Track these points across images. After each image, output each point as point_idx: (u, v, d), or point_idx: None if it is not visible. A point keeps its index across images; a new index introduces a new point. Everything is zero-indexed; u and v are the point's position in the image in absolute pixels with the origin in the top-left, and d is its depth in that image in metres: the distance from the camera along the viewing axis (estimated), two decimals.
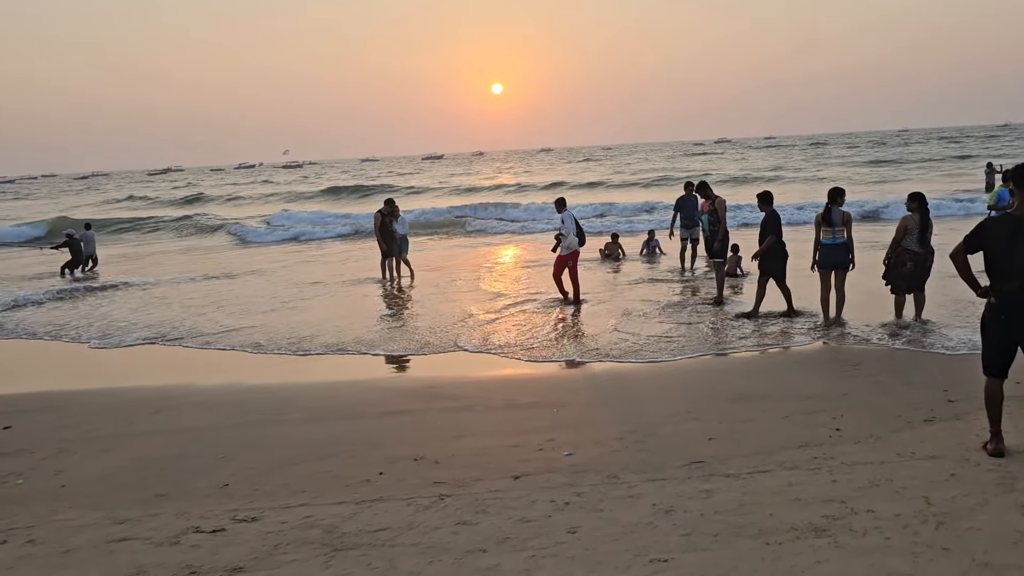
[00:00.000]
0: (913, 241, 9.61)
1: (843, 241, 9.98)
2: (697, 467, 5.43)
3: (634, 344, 9.76)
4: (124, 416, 7.68)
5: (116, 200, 60.99)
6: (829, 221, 9.99)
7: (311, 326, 11.81)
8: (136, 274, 19.63)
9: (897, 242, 9.70)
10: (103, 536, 4.73)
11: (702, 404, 7.19)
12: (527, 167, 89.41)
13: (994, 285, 5.26)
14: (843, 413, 6.57)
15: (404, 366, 9.61)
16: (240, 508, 5.11)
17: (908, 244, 9.64)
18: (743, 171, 53.63)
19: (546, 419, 6.95)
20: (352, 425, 7.12)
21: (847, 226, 9.99)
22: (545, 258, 17.27)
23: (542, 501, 4.93)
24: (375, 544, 4.41)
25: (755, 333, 10.02)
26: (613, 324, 10.95)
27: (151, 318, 13.18)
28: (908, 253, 9.66)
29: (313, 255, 23.02)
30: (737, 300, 12.31)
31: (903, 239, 9.64)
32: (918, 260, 9.64)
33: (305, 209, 40.47)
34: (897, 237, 9.70)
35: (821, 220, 10.07)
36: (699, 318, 11.02)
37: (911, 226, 9.59)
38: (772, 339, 9.70)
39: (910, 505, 4.51)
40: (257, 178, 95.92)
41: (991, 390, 5.36)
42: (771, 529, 4.29)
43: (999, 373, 5.33)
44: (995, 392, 5.35)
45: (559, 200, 13.52)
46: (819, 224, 10.11)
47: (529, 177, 63.48)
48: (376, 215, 16.77)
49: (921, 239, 9.59)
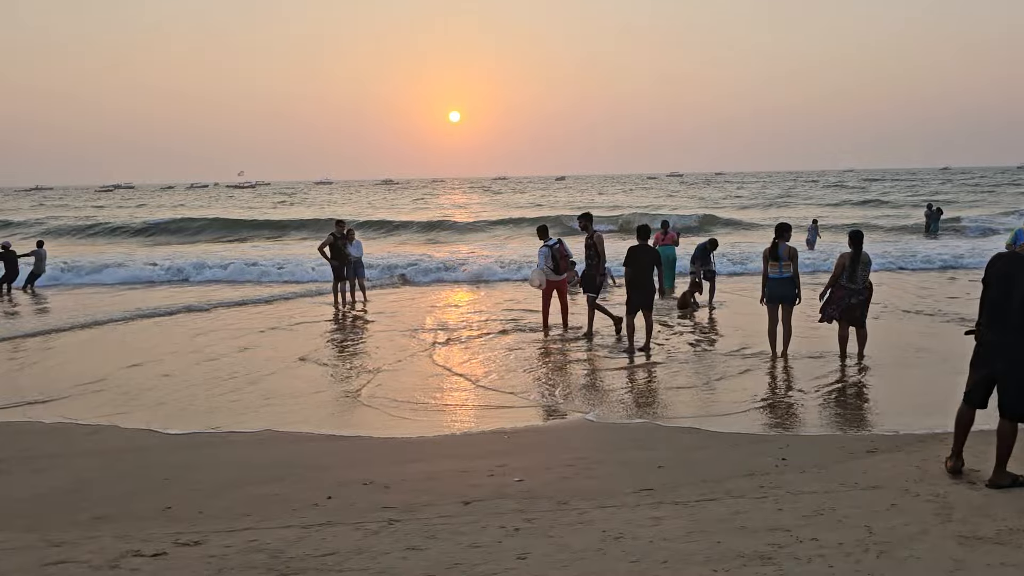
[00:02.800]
0: (845, 277, 9.89)
1: (789, 275, 10.23)
2: (647, 494, 5.47)
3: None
4: (61, 436, 7.44)
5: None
6: (776, 256, 10.23)
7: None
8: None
9: (835, 277, 10.01)
10: (38, 559, 4.55)
11: (650, 432, 7.26)
12: (489, 196, 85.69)
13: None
14: (788, 443, 6.69)
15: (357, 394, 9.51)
16: (183, 531, 4.98)
17: (842, 280, 9.94)
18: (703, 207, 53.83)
19: (498, 444, 6.94)
20: (300, 448, 7.01)
21: (793, 261, 10.25)
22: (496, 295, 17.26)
23: (492, 527, 4.91)
24: (322, 569, 4.34)
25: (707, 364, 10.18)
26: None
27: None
28: (843, 289, 9.95)
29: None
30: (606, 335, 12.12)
31: (840, 275, 9.95)
32: (853, 295, 9.91)
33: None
34: (835, 272, 10.03)
35: (768, 255, 10.32)
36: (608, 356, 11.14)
37: (845, 263, 9.90)
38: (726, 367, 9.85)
39: (852, 534, 4.61)
40: (148, 201, 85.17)
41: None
42: (718, 556, 4.34)
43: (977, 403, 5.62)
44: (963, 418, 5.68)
45: (540, 228, 13.28)
46: (767, 259, 10.35)
47: (491, 210, 56.19)
48: (328, 236, 16.57)
49: (851, 275, 9.87)
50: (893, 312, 13.67)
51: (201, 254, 26.69)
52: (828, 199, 60.09)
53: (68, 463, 6.64)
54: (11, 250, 19.70)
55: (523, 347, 11.49)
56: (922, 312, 13.82)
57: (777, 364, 10.02)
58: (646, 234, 11.28)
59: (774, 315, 10.40)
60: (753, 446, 6.67)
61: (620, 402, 8.54)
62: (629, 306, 11.04)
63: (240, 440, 7.25)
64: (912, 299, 15.37)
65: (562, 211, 47.44)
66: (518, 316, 14.18)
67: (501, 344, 11.75)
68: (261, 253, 27.66)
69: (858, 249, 9.91)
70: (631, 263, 10.96)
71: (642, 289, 10.91)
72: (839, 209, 49.88)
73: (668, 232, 18.04)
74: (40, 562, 4.51)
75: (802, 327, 10.81)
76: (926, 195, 58.51)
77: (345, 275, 16.38)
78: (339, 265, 16.30)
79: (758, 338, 10.86)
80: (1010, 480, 5.35)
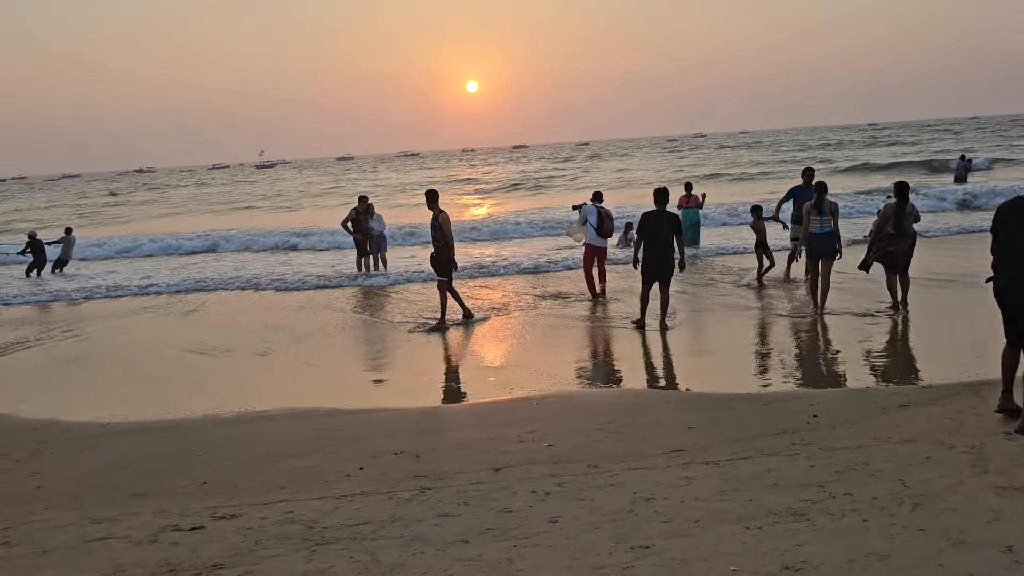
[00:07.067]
0: (891, 225, 10.03)
1: (830, 230, 10.31)
2: (677, 455, 5.47)
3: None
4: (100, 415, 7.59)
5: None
6: (819, 210, 10.30)
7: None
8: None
9: (880, 227, 10.17)
10: (80, 536, 4.67)
11: (679, 395, 7.24)
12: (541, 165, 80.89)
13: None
14: (819, 400, 6.64)
15: (382, 365, 9.57)
16: (220, 505, 5.07)
17: (888, 228, 10.06)
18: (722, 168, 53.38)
19: (526, 411, 6.96)
20: (332, 421, 7.09)
21: (834, 215, 10.35)
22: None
23: (523, 492, 4.93)
24: (356, 537, 4.40)
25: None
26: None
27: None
28: (888, 237, 10.06)
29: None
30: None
31: (884, 224, 10.09)
32: (896, 243, 10.02)
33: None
34: (880, 223, 10.21)
35: (811, 209, 10.37)
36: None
37: (890, 213, 10.04)
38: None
39: (886, 488, 4.57)
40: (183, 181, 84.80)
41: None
42: (751, 514, 4.33)
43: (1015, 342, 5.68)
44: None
45: (595, 193, 12.94)
46: (808, 213, 10.44)
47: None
48: (351, 211, 16.66)
49: (898, 224, 9.97)
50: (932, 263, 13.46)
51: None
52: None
53: (107, 442, 6.78)
54: (37, 239, 20.05)
55: (546, 316, 11.48)
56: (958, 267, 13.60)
57: (815, 320, 10.06)
58: (664, 198, 10.38)
59: (815, 269, 10.49)
60: (784, 404, 6.63)
61: (647, 367, 8.53)
62: (644, 277, 10.19)
63: (274, 416, 7.34)
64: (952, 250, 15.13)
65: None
66: (541, 283, 14.18)
67: (522, 312, 11.75)
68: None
69: (904, 199, 10.00)
70: (646, 231, 10.18)
71: (660, 260, 10.05)
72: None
73: (692, 195, 17.85)
74: (83, 539, 4.62)
75: (841, 279, 10.92)
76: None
77: (368, 249, 16.51)
78: (362, 239, 16.42)
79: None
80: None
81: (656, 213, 10.24)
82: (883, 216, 10.14)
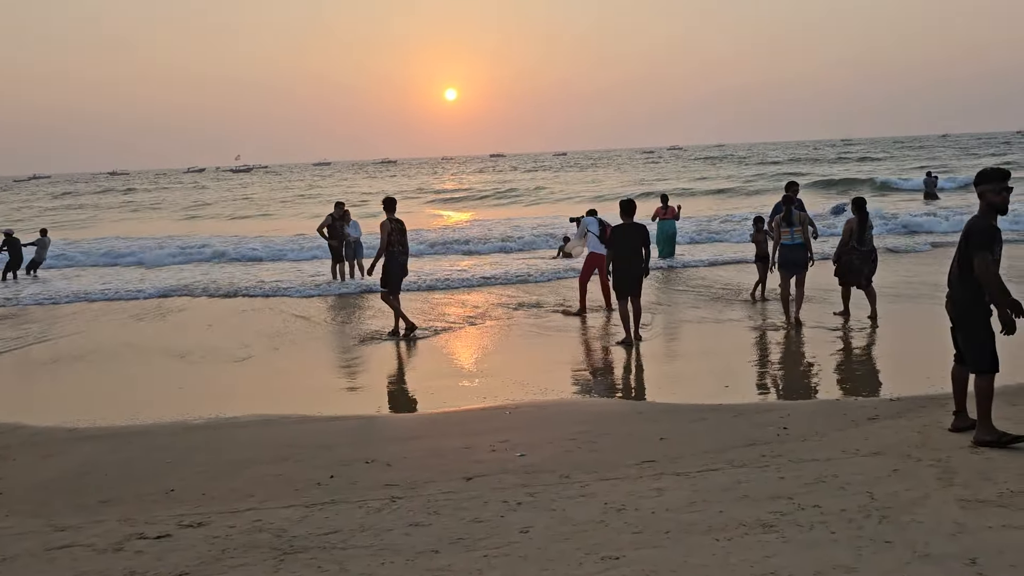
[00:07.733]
0: (855, 239, 10.40)
1: (801, 241, 10.51)
2: (648, 466, 5.48)
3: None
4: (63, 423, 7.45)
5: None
6: (789, 222, 10.52)
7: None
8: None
9: (845, 242, 10.48)
10: (42, 544, 4.58)
11: (652, 406, 7.27)
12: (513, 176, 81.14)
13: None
14: (790, 412, 6.70)
15: (355, 372, 9.52)
16: (187, 513, 5.00)
17: (853, 243, 10.42)
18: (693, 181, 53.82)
19: (499, 420, 6.95)
20: (303, 428, 7.02)
21: (804, 227, 10.55)
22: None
23: (495, 501, 4.92)
24: (325, 547, 4.35)
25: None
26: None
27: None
28: (853, 251, 10.40)
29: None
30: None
31: (848, 239, 10.42)
32: (862, 256, 10.40)
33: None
34: (844, 238, 10.54)
35: (781, 221, 10.57)
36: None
37: (853, 227, 10.41)
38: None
39: (854, 500, 4.61)
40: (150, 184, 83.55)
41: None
42: (721, 526, 4.35)
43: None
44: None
45: (589, 211, 12.93)
46: (779, 226, 10.65)
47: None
48: (327, 217, 16.63)
49: (860, 238, 10.37)
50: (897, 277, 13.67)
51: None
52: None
53: (73, 448, 6.66)
54: (14, 237, 19.73)
55: (521, 326, 11.49)
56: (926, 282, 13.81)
57: (788, 331, 10.18)
58: (631, 210, 10.09)
59: (787, 281, 10.63)
60: (755, 415, 6.67)
61: (622, 378, 8.55)
62: (618, 293, 10.03)
63: (242, 423, 7.26)
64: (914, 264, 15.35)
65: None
66: (518, 293, 14.18)
67: (506, 322, 11.74)
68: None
69: (863, 213, 10.43)
70: (615, 244, 10.00)
71: (627, 274, 9.86)
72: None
73: (668, 206, 17.98)
74: (45, 546, 4.53)
75: (814, 291, 11.20)
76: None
77: (344, 255, 16.44)
78: (337, 245, 16.37)
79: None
80: (994, 436, 5.37)
81: (624, 226, 10.04)
82: (846, 231, 10.53)
